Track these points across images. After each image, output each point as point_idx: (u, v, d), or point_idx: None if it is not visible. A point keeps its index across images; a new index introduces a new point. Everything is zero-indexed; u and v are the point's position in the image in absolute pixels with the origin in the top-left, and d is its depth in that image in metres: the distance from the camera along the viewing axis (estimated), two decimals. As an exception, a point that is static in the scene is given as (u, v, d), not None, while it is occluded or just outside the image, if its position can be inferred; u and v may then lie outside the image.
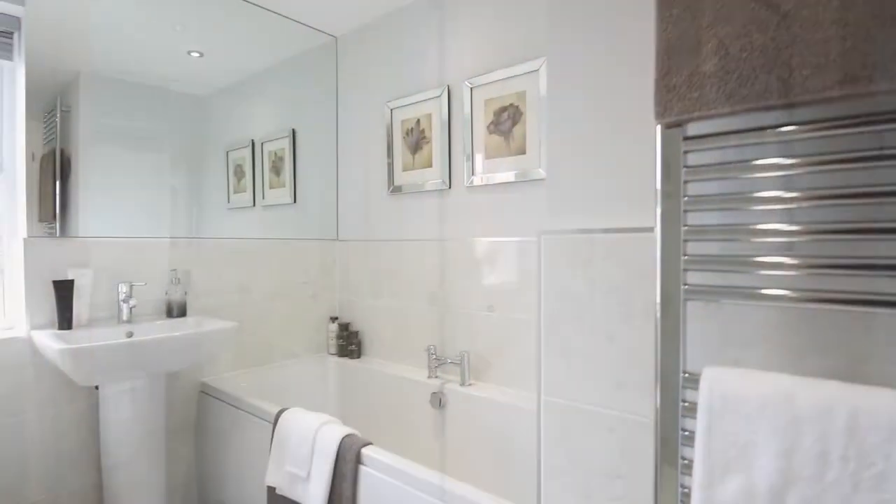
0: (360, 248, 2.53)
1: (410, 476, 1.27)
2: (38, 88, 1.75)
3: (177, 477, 2.05)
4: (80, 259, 1.80)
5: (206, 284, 2.13)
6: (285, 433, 1.59)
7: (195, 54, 2.23)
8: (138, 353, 1.57)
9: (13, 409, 1.66)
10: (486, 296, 1.99)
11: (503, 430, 1.82)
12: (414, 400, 2.10)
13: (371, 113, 2.47)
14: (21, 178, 1.77)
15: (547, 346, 0.93)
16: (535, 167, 1.82)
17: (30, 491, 1.70)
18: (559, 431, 0.91)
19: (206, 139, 2.23)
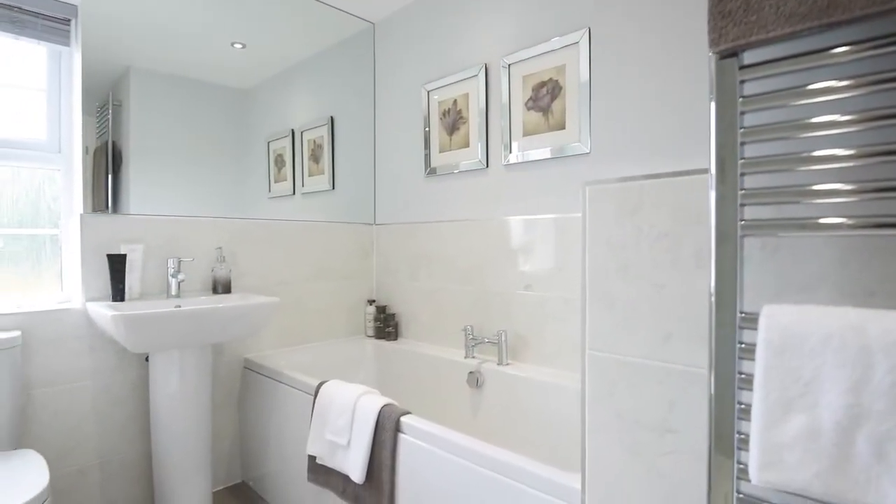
0: (396, 232, 2.55)
1: (450, 443, 1.27)
2: (92, 84, 1.83)
3: (221, 449, 2.11)
4: (132, 235, 1.87)
5: (249, 264, 2.19)
6: (326, 403, 1.62)
7: (238, 45, 2.29)
8: (186, 322, 1.62)
9: (70, 377, 1.75)
10: (523, 275, 1.97)
11: (542, 409, 1.79)
12: (451, 379, 2.10)
13: (408, 96, 2.48)
14: (78, 159, 1.86)
15: (592, 299, 0.91)
16: (574, 141, 1.79)
17: (84, 456, 1.78)
18: (605, 386, 0.89)
19: (248, 131, 2.28)
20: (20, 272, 1.82)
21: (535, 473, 1.08)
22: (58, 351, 1.72)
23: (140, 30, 1.94)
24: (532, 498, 1.08)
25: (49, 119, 1.88)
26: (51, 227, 1.89)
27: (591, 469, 0.92)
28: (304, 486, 1.78)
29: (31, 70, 1.85)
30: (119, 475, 1.85)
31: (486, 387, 1.99)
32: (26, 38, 1.80)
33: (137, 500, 1.89)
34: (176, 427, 1.75)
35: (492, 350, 2.08)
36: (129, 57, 1.92)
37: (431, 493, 1.30)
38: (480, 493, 1.19)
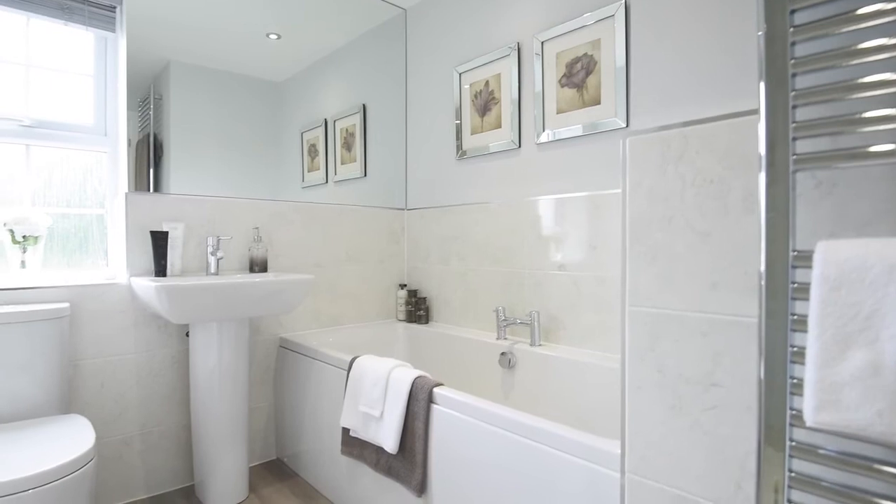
0: (427, 216, 2.55)
1: (485, 412, 1.26)
2: (135, 78, 1.89)
3: (257, 426, 2.15)
4: (174, 214, 1.93)
5: (284, 246, 2.23)
6: (359, 377, 1.63)
7: (273, 36, 2.33)
8: (224, 294, 1.66)
9: (115, 349, 1.81)
10: (556, 255, 1.95)
11: (576, 389, 1.76)
12: (482, 361, 2.09)
13: (439, 80, 2.49)
14: (123, 142, 1.93)
15: (633, 253, 0.88)
16: (609, 116, 1.75)
17: (127, 426, 1.84)
18: (646, 342, 0.87)
19: (282, 122, 2.32)
20: (69, 249, 1.90)
21: (574, 440, 1.07)
22: (103, 324, 1.79)
23: (180, 18, 2.00)
24: (570, 464, 1.07)
25: (96, 103, 1.96)
26: (97, 207, 1.96)
27: (632, 429, 0.90)
28: (337, 462, 1.80)
29: (79, 56, 1.93)
30: (160, 446, 1.91)
31: (518, 368, 1.97)
32: (75, 24, 1.88)
33: (177, 471, 1.94)
34: (214, 401, 1.80)
35: (524, 331, 2.06)
36: (169, 51, 1.98)
37: (465, 463, 1.30)
38: (516, 461, 1.18)
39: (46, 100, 1.86)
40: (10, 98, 1.78)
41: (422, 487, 1.41)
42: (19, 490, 1.14)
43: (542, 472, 1.12)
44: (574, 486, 1.06)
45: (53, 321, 1.58)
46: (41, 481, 1.17)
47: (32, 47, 1.83)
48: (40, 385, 1.55)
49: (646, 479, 0.87)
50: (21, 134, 1.80)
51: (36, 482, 1.16)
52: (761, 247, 0.68)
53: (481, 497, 1.26)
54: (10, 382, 1.50)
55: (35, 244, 1.72)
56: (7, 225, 1.67)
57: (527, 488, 1.15)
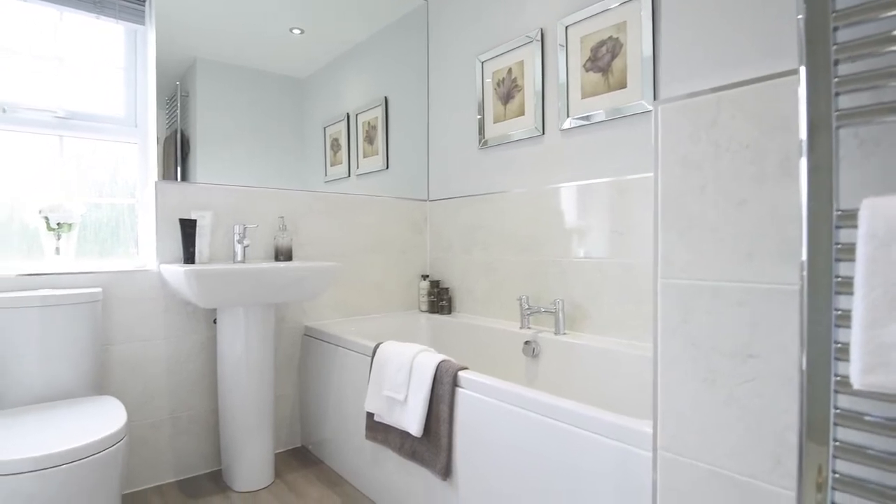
0: (450, 206, 2.55)
1: (512, 394, 1.25)
2: (162, 76, 1.93)
3: (282, 413, 2.17)
4: (201, 202, 1.96)
5: (309, 235, 2.25)
6: (383, 362, 1.63)
7: (296, 31, 2.35)
8: (250, 279, 1.68)
9: (146, 334, 1.85)
10: (580, 242, 1.92)
11: (602, 377, 1.74)
12: (506, 350, 2.08)
13: (461, 70, 2.48)
14: (152, 132, 1.97)
15: (665, 224, 0.86)
16: (636, 99, 1.72)
17: (157, 410, 1.88)
18: (679, 315, 0.85)
19: (305, 118, 2.34)
20: (100, 238, 1.95)
21: (604, 420, 1.05)
22: (134, 310, 1.83)
23: (206, 11, 2.03)
24: (599, 445, 1.05)
25: (126, 95, 2.00)
26: (128, 197, 2.01)
27: (664, 405, 0.88)
28: (361, 448, 1.81)
29: (110, 49, 1.98)
30: (188, 431, 1.94)
31: (542, 356, 1.95)
32: (105, 18, 1.92)
33: (205, 456, 1.98)
34: (241, 388, 1.82)
35: (548, 320, 2.04)
36: (195, 48, 2.01)
37: (491, 446, 1.29)
38: (543, 443, 1.16)
39: (79, 92, 1.91)
40: (44, 90, 1.84)
41: (447, 471, 1.40)
42: (55, 464, 1.17)
43: (570, 453, 1.11)
44: (603, 466, 1.04)
45: (88, 305, 1.62)
46: (75, 456, 1.20)
47: (66, 41, 1.88)
48: (75, 367, 1.60)
49: (679, 455, 0.85)
50: (55, 125, 1.85)
51: (70, 457, 1.19)
52: (802, 208, 0.66)
53: (507, 480, 1.25)
54: (48, 363, 1.54)
55: (69, 231, 1.77)
56: (42, 212, 1.72)
57: (554, 470, 1.14)
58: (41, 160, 1.83)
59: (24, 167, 1.80)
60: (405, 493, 1.59)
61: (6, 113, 1.76)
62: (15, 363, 1.51)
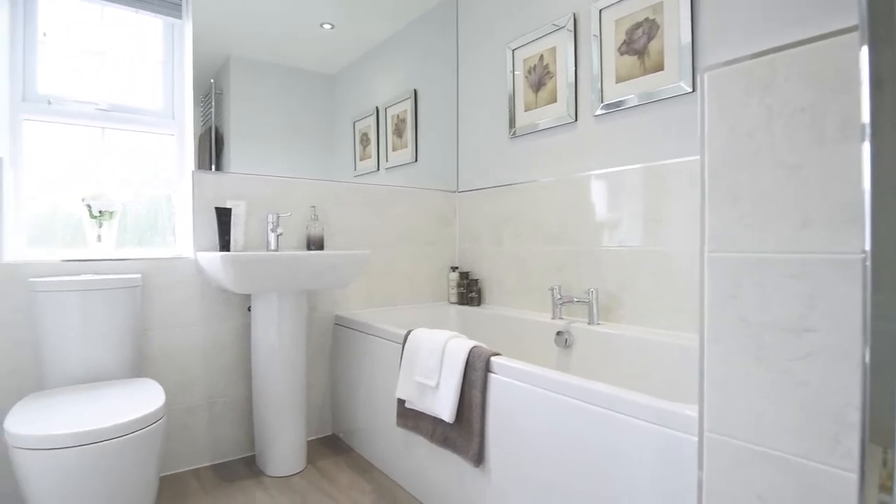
0: (479, 197, 2.53)
1: (546, 379, 1.23)
2: (197, 75, 1.98)
3: (314, 401, 2.19)
4: (236, 192, 1.99)
5: (339, 225, 2.26)
6: (414, 348, 1.63)
7: (327, 26, 2.37)
8: (284, 266, 1.70)
9: (183, 321, 1.89)
10: (615, 230, 1.88)
11: (638, 368, 1.69)
12: (538, 341, 2.04)
13: (491, 59, 2.46)
14: (189, 124, 2.01)
15: (712, 195, 0.83)
16: (673, 82, 1.67)
17: (193, 395, 1.92)
18: (727, 289, 0.81)
19: (335, 114, 2.36)
20: (140, 228, 2.00)
21: (645, 404, 1.02)
22: (172, 296, 1.87)
23: (240, 5, 2.06)
24: (640, 429, 1.02)
25: (164, 88, 2.05)
26: (166, 187, 2.05)
27: (711, 385, 0.84)
28: (392, 437, 1.80)
29: (149, 43, 2.03)
30: (223, 416, 1.97)
31: (575, 347, 1.91)
32: (145, 12, 1.97)
33: (240, 441, 2.01)
34: (274, 374, 1.84)
35: (580, 311, 2.00)
36: (229, 45, 2.05)
37: (525, 432, 1.27)
38: (580, 428, 1.14)
39: (120, 85, 1.96)
40: (87, 83, 1.89)
41: (479, 457, 1.38)
42: (96, 440, 1.20)
43: (608, 438, 1.08)
44: (643, 451, 1.01)
45: (128, 290, 1.67)
46: (115, 433, 1.23)
47: (107, 35, 1.94)
48: (115, 350, 1.64)
49: (727, 437, 0.82)
50: (97, 117, 1.91)
51: (110, 434, 1.22)
52: (864, 173, 0.62)
53: (542, 466, 1.22)
54: (89, 346, 1.59)
55: (110, 219, 1.82)
56: (85, 200, 1.78)
57: (591, 455, 1.11)
58: (84, 151, 1.89)
59: (68, 158, 1.86)
60: (436, 480, 1.58)
61: (52, 105, 1.82)
62: (59, 345, 1.56)
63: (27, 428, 1.19)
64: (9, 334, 1.60)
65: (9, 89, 1.73)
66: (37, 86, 1.80)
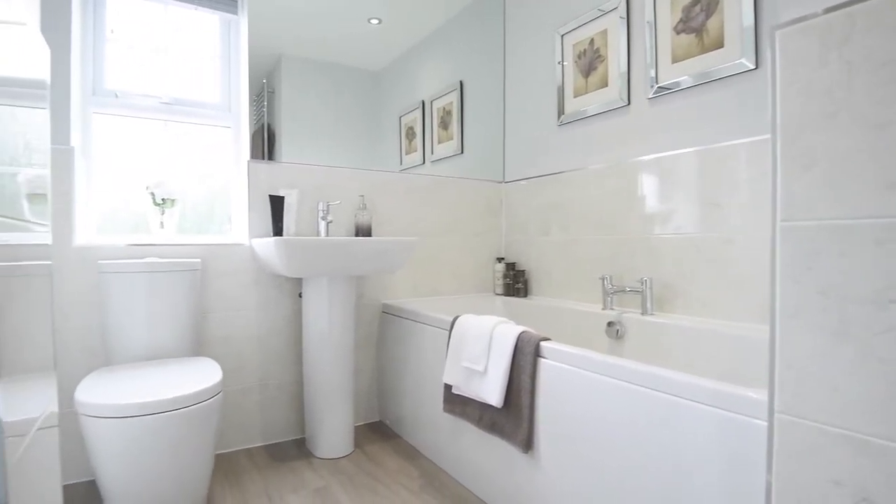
0: (527, 187, 2.49)
1: (601, 363, 1.19)
2: (250, 75, 2.04)
3: (361, 388, 2.22)
4: (288, 181, 2.05)
5: (386, 214, 2.29)
6: (462, 333, 1.62)
7: (375, 21, 2.39)
8: (335, 251, 1.73)
9: (238, 305, 1.96)
10: (669, 217, 1.81)
11: (695, 359, 1.62)
12: (588, 331, 2.00)
13: (539, 46, 2.42)
14: (245, 115, 2.08)
15: (785, 160, 0.78)
16: (734, 59, 1.59)
17: (247, 377, 1.98)
18: (802, 260, 0.76)
19: (382, 109, 2.39)
20: (199, 216, 2.08)
21: (708, 387, 0.97)
22: (228, 281, 1.94)
23: (290, 2, 2.11)
24: (702, 414, 0.97)
25: (221, 81, 2.13)
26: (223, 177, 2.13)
27: (783, 362, 0.79)
28: (438, 424, 1.80)
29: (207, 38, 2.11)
30: (275, 399, 2.03)
31: (627, 338, 1.85)
32: (203, 9, 2.05)
33: (290, 423, 2.06)
34: (324, 359, 1.88)
35: (633, 301, 1.94)
36: (280, 44, 2.11)
37: (578, 416, 1.23)
38: (637, 412, 1.09)
39: (180, 79, 2.05)
40: (150, 78, 1.99)
41: (528, 443, 1.36)
42: (158, 411, 1.26)
43: (667, 423, 1.03)
44: (705, 436, 0.96)
45: (188, 273, 1.74)
46: (176, 405, 1.28)
47: (168, 31, 2.03)
48: (176, 330, 1.71)
49: (801, 418, 0.76)
50: (160, 110, 2.00)
51: (171, 405, 1.27)
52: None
53: (594, 451, 1.19)
54: (153, 325, 1.67)
55: (172, 207, 1.91)
56: (149, 188, 1.86)
57: (648, 441, 1.07)
58: (148, 142, 1.98)
59: (133, 148, 1.96)
60: (484, 466, 1.57)
61: (119, 99, 1.92)
62: (125, 324, 1.64)
63: (96, 398, 1.26)
64: (80, 314, 1.70)
65: (80, 84, 1.84)
66: (105, 81, 1.90)
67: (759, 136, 1.56)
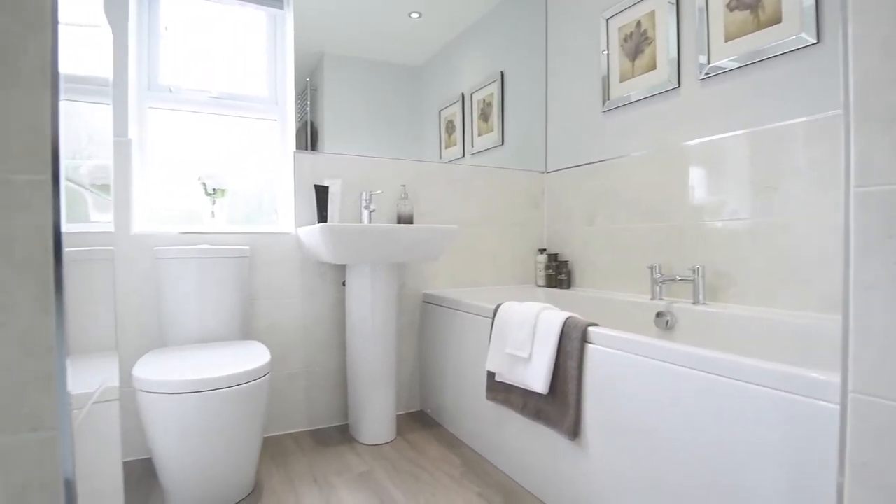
0: (570, 176, 2.45)
1: (655, 347, 1.15)
2: (294, 73, 2.09)
3: (403, 377, 2.23)
4: (332, 171, 2.08)
5: (427, 205, 2.29)
6: (505, 320, 1.60)
7: (415, 15, 2.40)
8: (378, 238, 1.74)
9: (285, 292, 2.00)
10: (724, 202, 1.73)
11: (753, 350, 1.54)
12: (635, 322, 1.93)
13: (582, 32, 2.37)
14: (291, 108, 2.12)
15: (859, 121, 0.72)
16: (793, 33, 1.51)
17: (293, 363, 2.02)
18: (881, 228, 0.70)
19: (421, 104, 2.39)
20: (248, 207, 2.13)
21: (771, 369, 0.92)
22: (275, 270, 1.98)
23: (333, 15, 2.15)
24: (765, 398, 0.92)
25: (268, 75, 2.18)
26: (269, 170, 2.18)
27: (858, 340, 0.74)
28: (480, 413, 1.79)
29: (254, 34, 2.16)
30: (320, 384, 2.06)
31: (677, 328, 1.79)
32: (251, 5, 2.11)
33: (333, 408, 2.09)
34: (367, 346, 1.89)
35: (683, 291, 1.87)
36: (323, 42, 2.14)
37: (628, 403, 1.19)
38: (693, 397, 1.05)
39: (229, 74, 2.11)
40: (201, 73, 2.06)
41: (575, 430, 1.33)
42: (210, 388, 1.30)
43: (727, 409, 0.98)
44: (768, 421, 0.91)
45: (238, 260, 1.79)
46: (226, 383, 1.32)
47: (218, 27, 2.10)
48: (227, 314, 1.76)
49: (878, 397, 0.71)
50: (210, 104, 2.06)
51: (222, 383, 1.31)
52: None
53: (646, 438, 1.15)
54: (204, 310, 1.72)
55: (222, 197, 1.96)
56: (201, 179, 1.93)
57: (706, 426, 1.02)
58: (199, 135, 2.05)
59: (185, 141, 2.03)
60: (528, 454, 1.54)
61: (172, 93, 1.99)
62: (178, 307, 1.70)
63: (152, 375, 1.30)
64: (137, 298, 1.77)
65: (137, 80, 1.92)
66: (159, 76, 1.98)
67: (820, 113, 1.48)
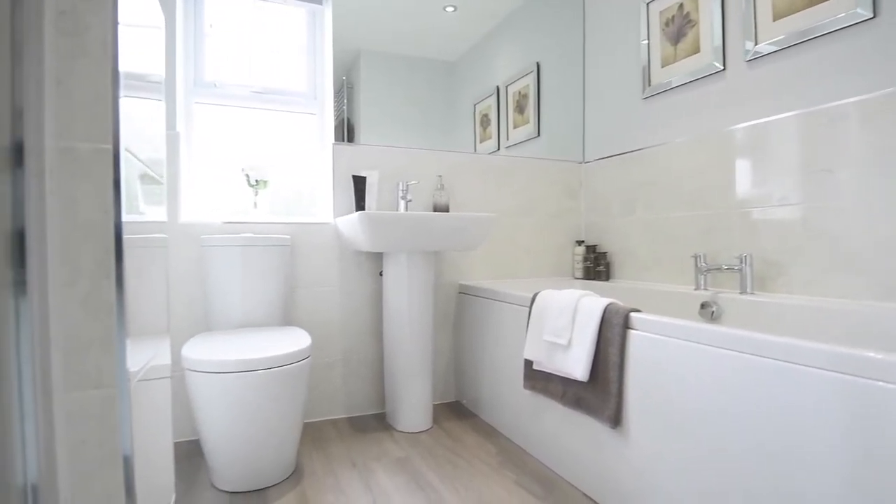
0: (608, 166, 2.40)
1: (703, 331, 1.11)
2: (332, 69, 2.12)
3: (439, 367, 2.24)
4: (370, 162, 2.10)
5: (463, 196, 2.29)
6: (543, 308, 1.58)
7: (450, 9, 2.40)
8: (414, 226, 1.75)
9: (322, 282, 2.04)
10: (773, 188, 1.66)
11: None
12: (679, 313, 1.87)
13: (621, 17, 2.32)
14: (329, 102, 2.16)
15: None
16: (848, 9, 1.43)
17: (331, 351, 2.05)
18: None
19: (456, 98, 2.39)
20: (289, 197, 2.18)
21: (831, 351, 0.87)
22: (314, 259, 2.02)
23: (369, 11, 2.18)
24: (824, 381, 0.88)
25: (307, 70, 2.22)
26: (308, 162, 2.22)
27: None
28: (517, 402, 1.77)
29: (294, 30, 2.21)
30: (357, 373, 2.09)
31: (723, 319, 1.73)
32: (291, 1, 2.15)
33: (370, 396, 2.11)
34: (404, 335, 1.91)
35: (729, 280, 1.80)
36: (360, 39, 2.17)
37: (674, 389, 1.16)
38: (745, 382, 1.01)
39: (271, 69, 2.16)
40: (244, 68, 2.12)
41: (616, 418, 1.30)
42: (253, 368, 1.33)
43: (782, 393, 0.94)
44: (822, 404, 0.87)
45: (279, 248, 1.83)
46: (269, 364, 1.35)
47: (259, 24, 2.15)
48: (270, 300, 1.81)
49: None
50: (252, 98, 2.12)
51: (265, 364, 1.35)
52: None
53: (692, 425, 1.11)
54: (247, 296, 1.77)
55: (264, 188, 2.02)
56: (244, 170, 1.98)
57: (759, 413, 0.98)
58: (242, 128, 2.11)
59: (229, 134, 2.09)
60: (567, 443, 1.52)
61: (217, 89, 2.06)
62: (223, 294, 1.76)
63: (200, 355, 1.35)
64: (185, 284, 1.83)
65: (183, 76, 1.99)
66: (204, 72, 2.05)
67: (878, 90, 1.40)
